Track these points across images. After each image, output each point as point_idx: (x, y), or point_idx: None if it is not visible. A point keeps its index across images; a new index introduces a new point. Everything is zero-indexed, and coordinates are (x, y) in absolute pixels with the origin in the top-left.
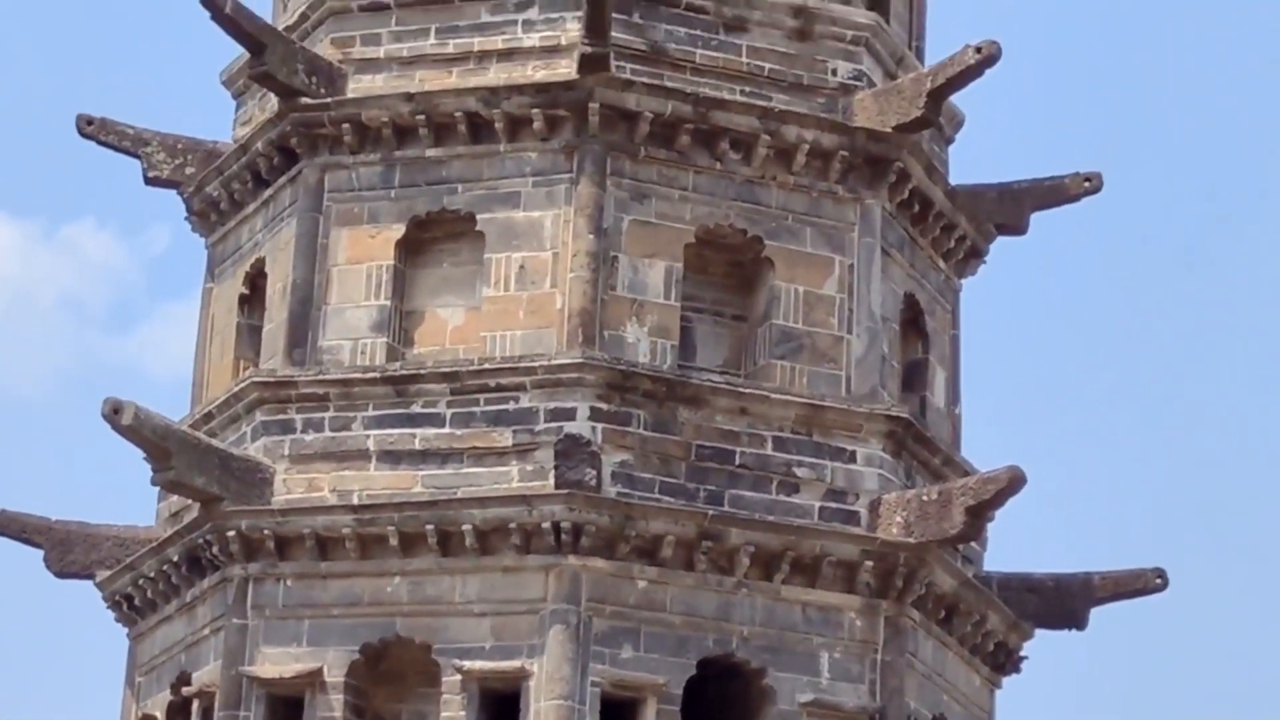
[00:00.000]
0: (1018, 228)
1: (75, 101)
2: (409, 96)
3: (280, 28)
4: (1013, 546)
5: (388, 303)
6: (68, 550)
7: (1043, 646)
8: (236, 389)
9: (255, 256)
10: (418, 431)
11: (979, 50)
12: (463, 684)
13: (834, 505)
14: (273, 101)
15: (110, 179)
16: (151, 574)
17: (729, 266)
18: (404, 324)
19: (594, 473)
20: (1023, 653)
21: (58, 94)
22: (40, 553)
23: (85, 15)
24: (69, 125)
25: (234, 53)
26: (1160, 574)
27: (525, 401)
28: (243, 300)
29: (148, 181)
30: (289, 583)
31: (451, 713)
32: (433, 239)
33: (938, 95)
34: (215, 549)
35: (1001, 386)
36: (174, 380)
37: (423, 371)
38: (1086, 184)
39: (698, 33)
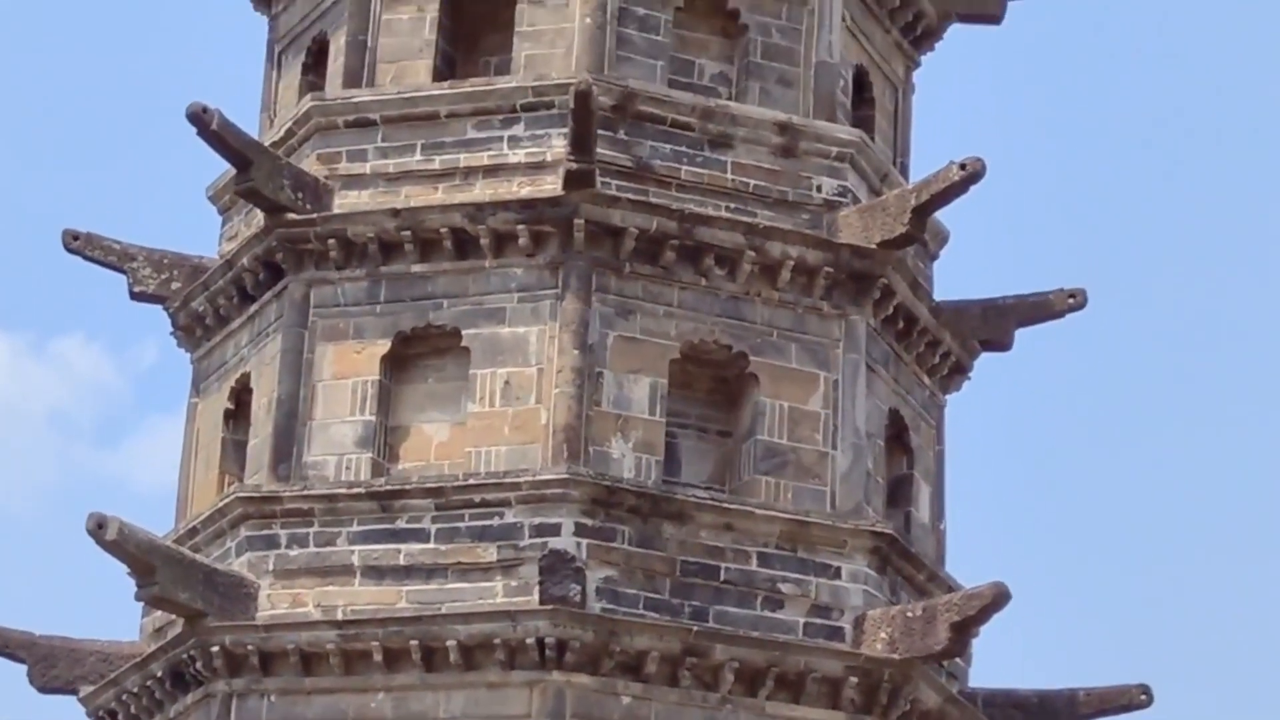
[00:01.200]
0: (1003, 344)
1: (64, 215)
2: (395, 212)
3: (267, 143)
4: (998, 663)
5: (373, 418)
6: (51, 665)
7: None
8: (221, 504)
9: (240, 372)
10: (402, 547)
11: (963, 167)
12: None
13: (819, 621)
14: (259, 217)
15: (100, 293)
16: (135, 689)
17: (714, 382)
18: (389, 439)
19: (579, 588)
20: None
21: (47, 207)
22: (24, 668)
23: (72, 129)
24: (57, 239)
25: (220, 168)
26: (1145, 690)
27: (510, 517)
28: (228, 415)
29: (133, 296)
30: (273, 698)
31: None
32: (418, 354)
33: (922, 211)
34: (199, 664)
35: (987, 502)
36: (161, 493)
37: (408, 487)
38: (1071, 300)
39: (683, 149)
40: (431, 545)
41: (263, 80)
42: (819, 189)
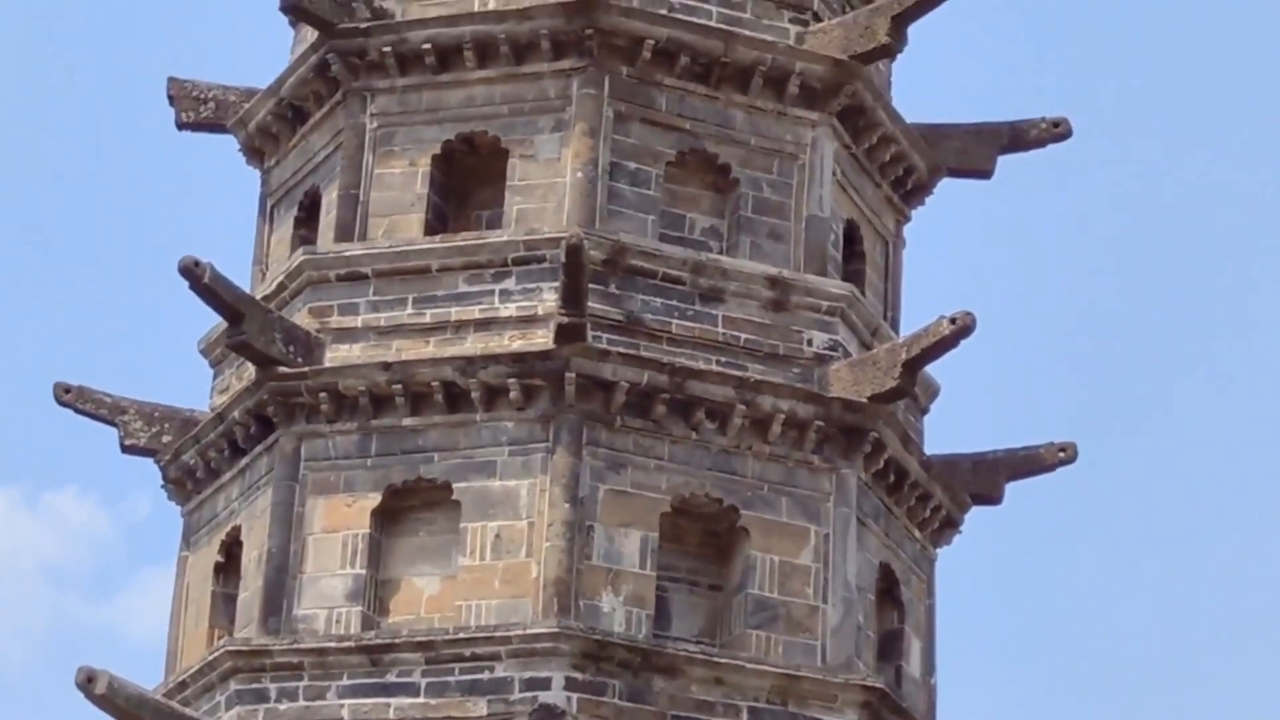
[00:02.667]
0: (993, 498)
1: (56, 368)
2: (386, 366)
3: (258, 297)
4: None
5: (363, 571)
6: None
7: None
8: (210, 658)
9: (231, 525)
10: (392, 701)
11: (953, 321)
12: None
13: None
14: (250, 370)
15: (94, 445)
16: None
17: (705, 536)
18: (379, 593)
19: None
20: None
21: (40, 360)
22: None
23: (65, 282)
24: (49, 392)
25: (212, 321)
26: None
27: (500, 671)
28: (218, 569)
29: (124, 450)
30: None
31: None
32: (409, 508)
33: (913, 366)
34: None
35: (978, 656)
36: (153, 646)
37: (398, 641)
38: (1061, 454)
39: (674, 303)
40: (421, 700)
41: (255, 234)
42: (810, 343)
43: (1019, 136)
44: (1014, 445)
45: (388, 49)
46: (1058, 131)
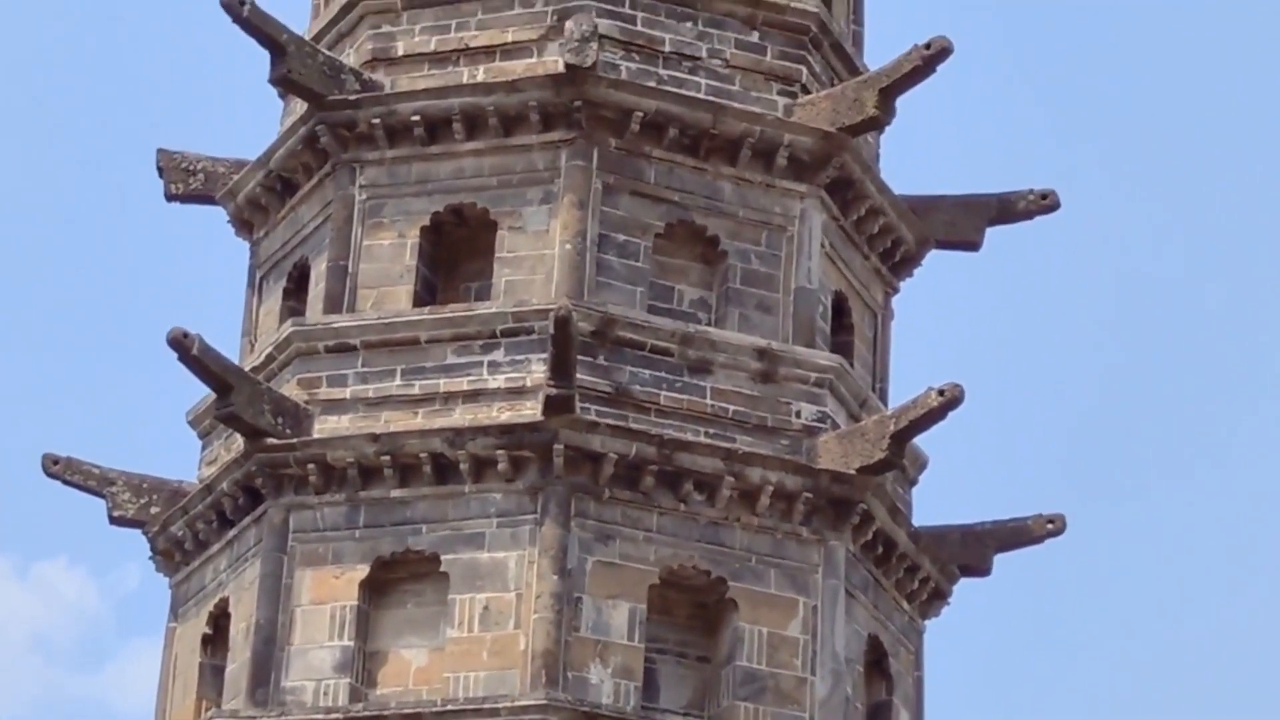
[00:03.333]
0: (981, 569)
1: (45, 439)
2: (374, 437)
3: (247, 368)
4: None
5: (351, 643)
6: None
7: None
8: None
9: (219, 596)
10: None
11: (942, 393)
12: None
13: None
14: (238, 441)
15: (83, 516)
16: None
17: (693, 607)
18: (367, 664)
19: None
20: None
21: (29, 430)
22: None
23: (54, 354)
24: (38, 463)
25: (201, 392)
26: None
27: None
28: (206, 640)
29: (112, 521)
30: None
31: None
32: (397, 579)
33: (901, 438)
34: None
35: None
36: (142, 717)
37: (386, 713)
38: (1050, 526)
39: (662, 374)
40: None
41: (243, 305)
42: (798, 414)
43: (1007, 208)
44: (1002, 517)
45: (377, 121)
46: (1046, 203)
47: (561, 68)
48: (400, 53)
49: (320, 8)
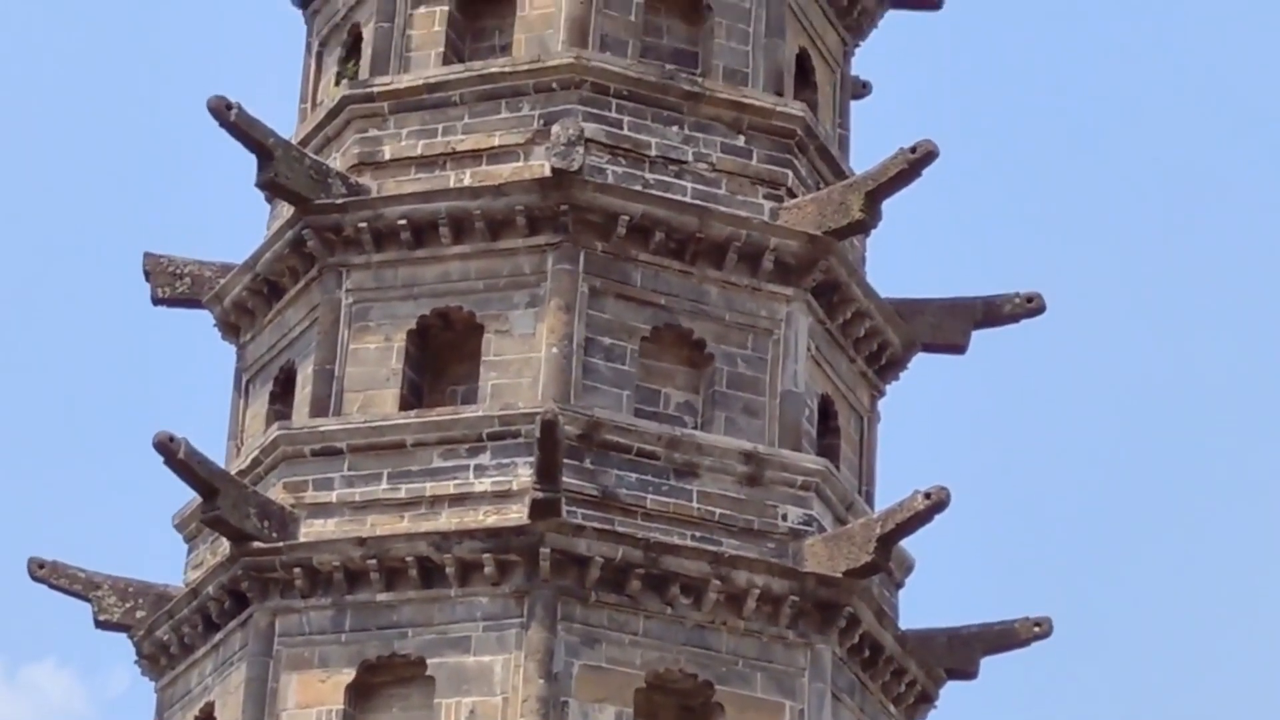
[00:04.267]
0: (968, 672)
1: (32, 542)
2: (361, 541)
3: (233, 472)
4: None
5: None
6: None
7: None
8: None
9: (205, 700)
10: None
11: (928, 496)
12: None
13: None
14: (224, 545)
15: (71, 618)
16: None
17: (680, 711)
18: None
19: None
20: None
21: (15, 534)
22: None
23: (40, 458)
24: (25, 567)
25: (187, 496)
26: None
27: None
28: None
29: (98, 625)
30: None
31: None
32: (383, 683)
33: (887, 541)
34: None
35: None
36: None
37: None
38: (1036, 629)
39: (649, 478)
40: None
41: (230, 408)
42: (784, 518)
43: (993, 311)
44: (989, 619)
45: (364, 224)
46: (1031, 306)
47: (548, 172)
48: (387, 157)
49: (307, 112)
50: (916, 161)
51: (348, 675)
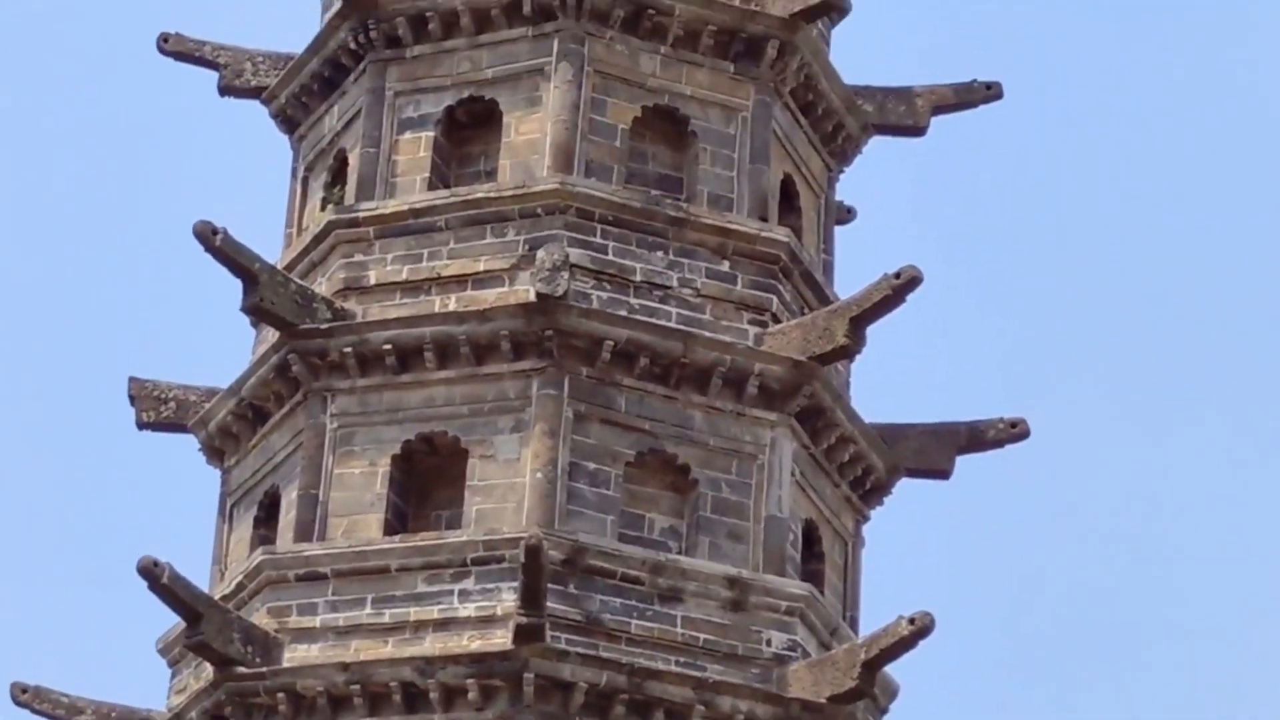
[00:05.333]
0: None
1: (13, 667)
2: (344, 666)
3: (217, 596)
4: None
5: None
6: None
7: None
8: None
9: None
10: None
11: (912, 621)
12: None
13: None
14: (208, 670)
15: None
16: None
17: None
18: None
19: None
20: None
21: None
22: None
23: (23, 581)
24: (7, 692)
25: (170, 620)
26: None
27: None
28: None
29: None
30: None
31: None
32: None
33: (872, 666)
34: None
35: None
36: None
37: None
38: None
39: (633, 603)
40: None
41: (214, 533)
42: (769, 643)
43: (977, 437)
44: None
45: (349, 349)
46: (1015, 431)
47: (533, 297)
48: (372, 282)
49: (292, 237)
50: (901, 287)
51: None
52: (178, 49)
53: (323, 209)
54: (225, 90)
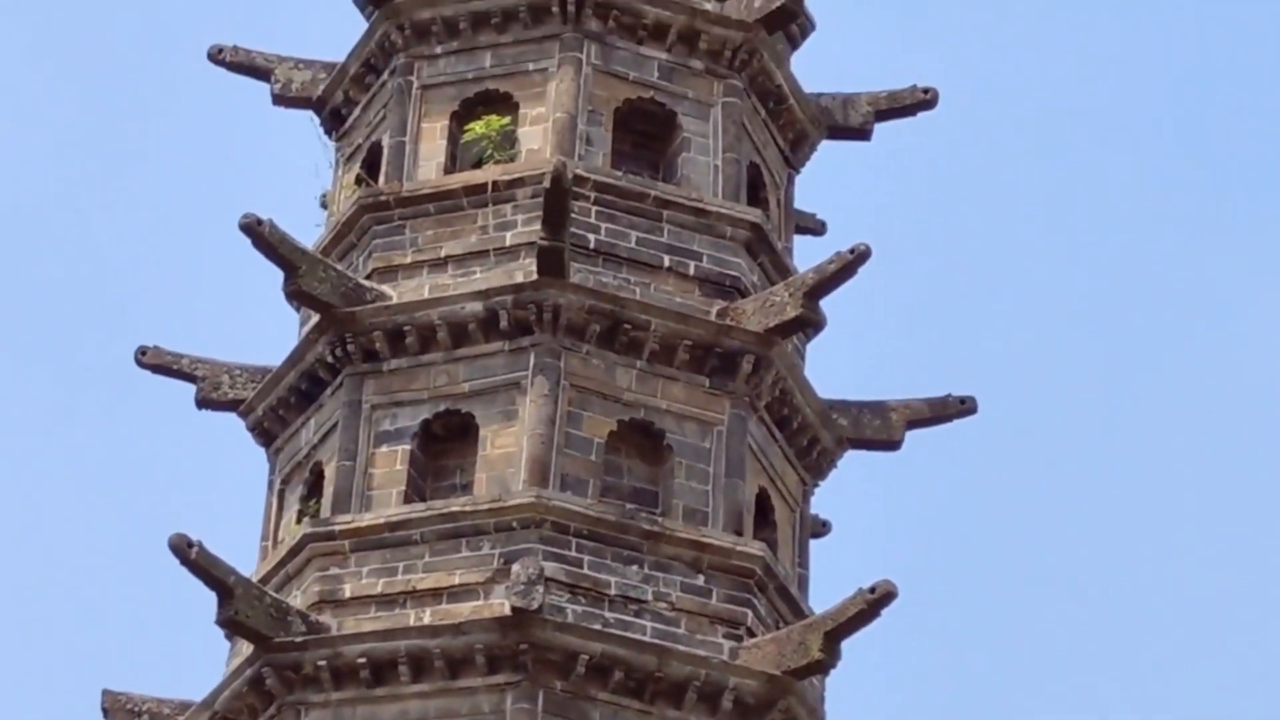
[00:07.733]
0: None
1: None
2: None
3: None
4: None
5: None
6: None
7: None
8: None
9: None
10: None
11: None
12: None
13: None
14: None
15: None
16: None
17: None
18: None
19: None
20: None
21: None
22: None
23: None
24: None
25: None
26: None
27: None
28: None
29: None
30: None
31: None
32: None
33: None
34: None
35: None
36: None
37: None
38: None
39: None
40: None
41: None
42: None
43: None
44: None
45: (323, 663)
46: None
47: (508, 610)
48: (347, 595)
49: (268, 549)
50: (875, 602)
51: None
52: (155, 361)
53: (298, 522)
54: (202, 403)
